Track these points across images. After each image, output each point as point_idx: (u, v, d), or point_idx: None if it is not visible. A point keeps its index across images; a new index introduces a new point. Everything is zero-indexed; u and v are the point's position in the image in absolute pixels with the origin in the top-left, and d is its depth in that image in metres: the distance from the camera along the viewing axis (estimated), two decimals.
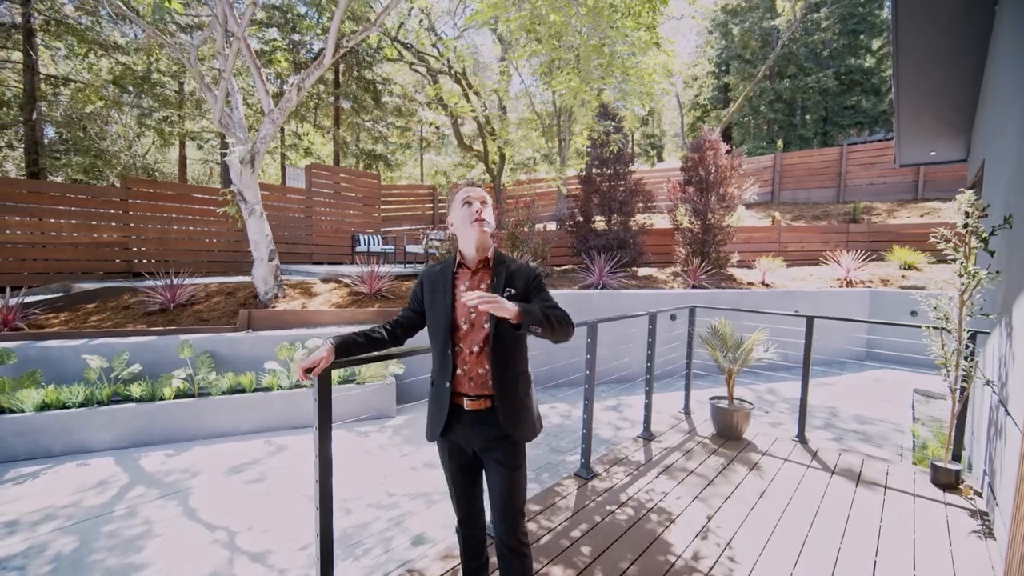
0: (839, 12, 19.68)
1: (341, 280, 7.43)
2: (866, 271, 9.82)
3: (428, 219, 14.96)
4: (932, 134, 6.32)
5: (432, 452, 4.34)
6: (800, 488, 3.21)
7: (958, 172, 12.70)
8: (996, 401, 2.94)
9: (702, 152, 10.36)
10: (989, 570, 2.37)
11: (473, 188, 1.76)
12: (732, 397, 4.16)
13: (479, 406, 1.69)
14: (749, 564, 2.37)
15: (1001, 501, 2.61)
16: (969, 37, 4.81)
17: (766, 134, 21.55)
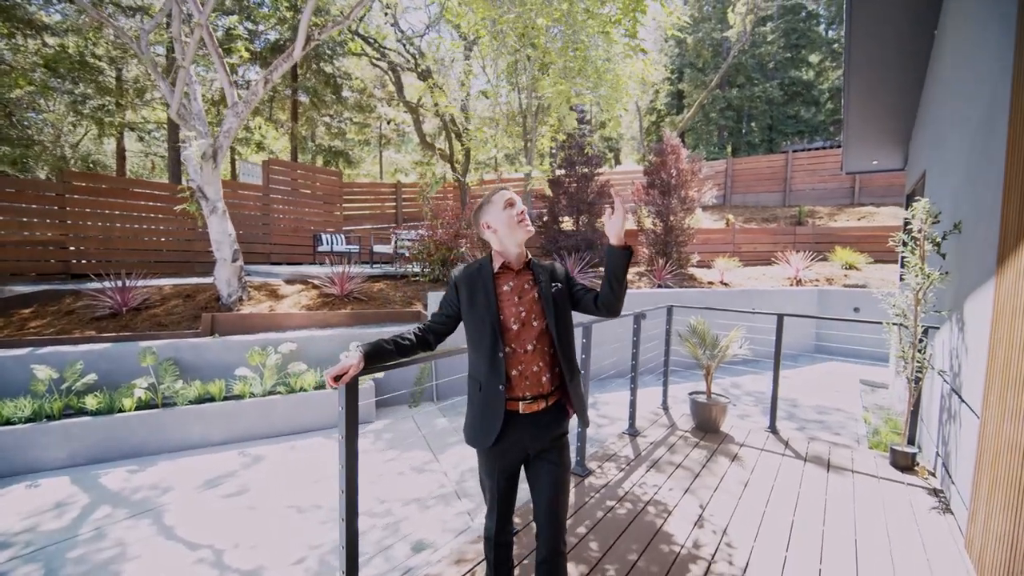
0: (783, 27, 20.98)
1: (309, 281, 7.16)
2: (813, 271, 10.52)
3: (392, 218, 14.66)
4: (875, 145, 6.87)
5: (418, 457, 4.29)
6: (779, 476, 3.42)
7: (890, 180, 13.85)
8: (948, 390, 3.25)
9: (664, 156, 10.76)
10: (951, 542, 2.62)
11: (506, 191, 1.77)
12: (710, 392, 4.36)
13: (536, 408, 1.70)
14: (746, 550, 2.51)
15: (957, 479, 2.90)
16: (910, 60, 5.27)
17: (717, 140, 22.63)
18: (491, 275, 1.76)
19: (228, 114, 5.68)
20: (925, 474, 3.46)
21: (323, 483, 3.76)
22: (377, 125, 21.08)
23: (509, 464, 1.77)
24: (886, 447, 4.13)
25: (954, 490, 2.93)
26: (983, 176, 2.78)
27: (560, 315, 1.73)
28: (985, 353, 2.49)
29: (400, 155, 23.16)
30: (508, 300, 1.73)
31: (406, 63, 13.04)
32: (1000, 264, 2.38)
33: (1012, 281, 2.20)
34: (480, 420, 1.75)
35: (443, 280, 7.84)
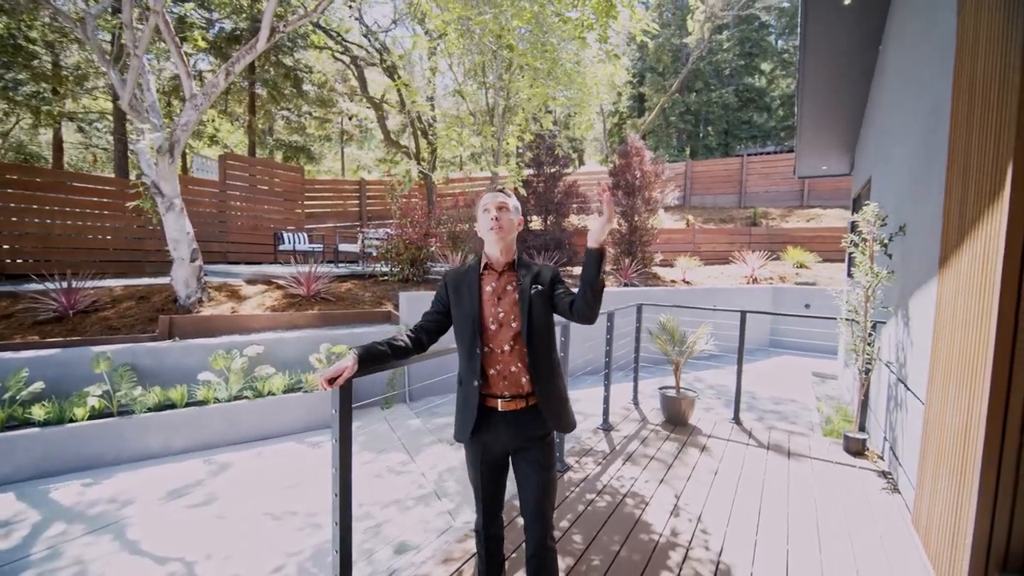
0: (738, 36, 21.91)
1: (273, 281, 6.92)
2: (767, 269, 11.08)
3: (356, 216, 14.34)
4: (825, 151, 7.31)
5: (395, 458, 4.25)
6: (745, 465, 3.60)
7: (835, 184, 14.73)
8: (895, 379, 3.53)
9: (629, 158, 11.04)
10: (900, 519, 2.85)
11: (492, 195, 1.80)
12: (679, 386, 4.54)
13: (514, 407, 1.73)
14: (720, 535, 2.65)
15: (904, 462, 3.15)
16: (856, 74, 5.65)
17: (676, 143, 23.39)
18: (476, 275, 1.80)
19: (186, 107, 5.41)
20: (875, 458, 3.74)
21: (297, 488, 3.66)
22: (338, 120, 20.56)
23: (491, 459, 1.81)
24: (839, 434, 4.43)
25: (901, 472, 3.19)
26: (926, 184, 3.04)
27: (534, 318, 1.71)
28: (929, 346, 2.73)
29: (363, 152, 22.65)
30: (489, 300, 1.76)
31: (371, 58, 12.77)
32: (942, 265, 2.61)
33: (953, 281, 2.42)
34: (460, 414, 1.82)
35: (413, 280, 7.76)
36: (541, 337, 1.75)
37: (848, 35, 5.18)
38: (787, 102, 22.53)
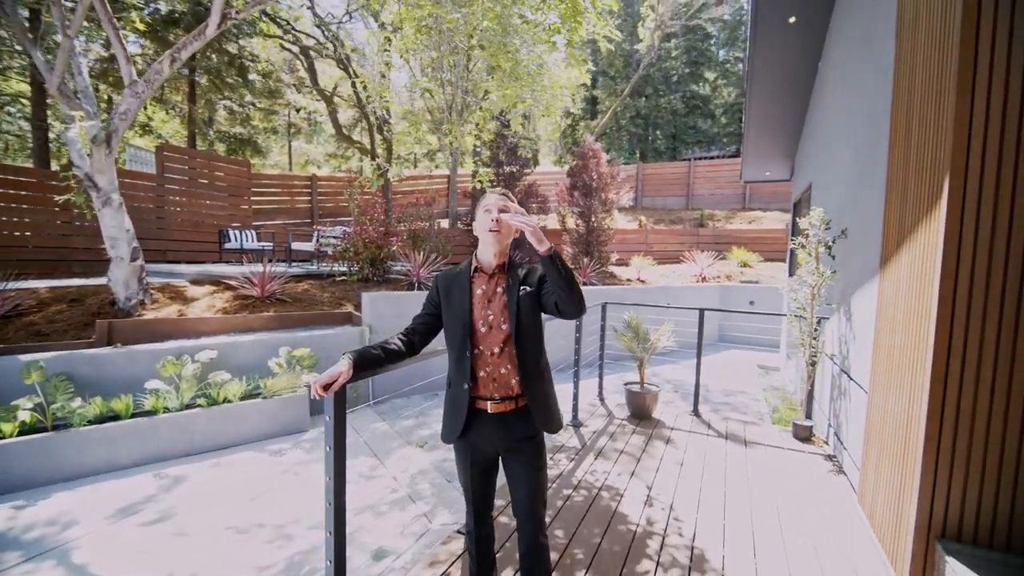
0: (684, 44, 22.90)
1: (223, 282, 6.54)
2: (715, 268, 11.69)
3: (307, 213, 13.77)
4: (768, 158, 7.81)
5: (363, 463, 4.16)
6: (707, 454, 3.81)
7: (774, 188, 15.73)
8: (838, 371, 3.85)
9: (586, 160, 11.29)
10: (847, 498, 3.12)
11: (493, 196, 1.80)
12: (643, 381, 4.72)
13: (504, 408, 1.75)
14: (691, 521, 2.79)
15: (848, 445, 3.45)
16: (798, 88, 6.07)
17: (628, 146, 24.13)
18: (467, 277, 1.80)
19: (126, 94, 5.00)
20: (821, 443, 4.06)
21: (263, 499, 3.50)
22: (285, 113, 19.66)
23: (480, 460, 1.82)
24: (787, 422, 4.77)
25: (846, 455, 3.48)
26: (867, 192, 3.33)
27: (523, 321, 1.73)
28: (871, 339, 3.00)
29: (312, 146, 21.77)
30: (479, 303, 1.77)
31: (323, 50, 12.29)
32: (883, 266, 2.88)
33: (893, 281, 2.68)
34: (448, 416, 1.82)
35: (374, 280, 7.58)
36: (530, 339, 1.77)
37: (791, 52, 5.57)
38: (729, 110, 23.80)
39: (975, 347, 1.97)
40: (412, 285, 7.29)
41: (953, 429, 2.02)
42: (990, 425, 1.97)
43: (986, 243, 1.95)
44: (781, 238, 13.38)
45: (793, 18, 5.15)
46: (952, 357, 2.01)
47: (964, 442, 2.00)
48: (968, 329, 1.98)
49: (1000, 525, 1.96)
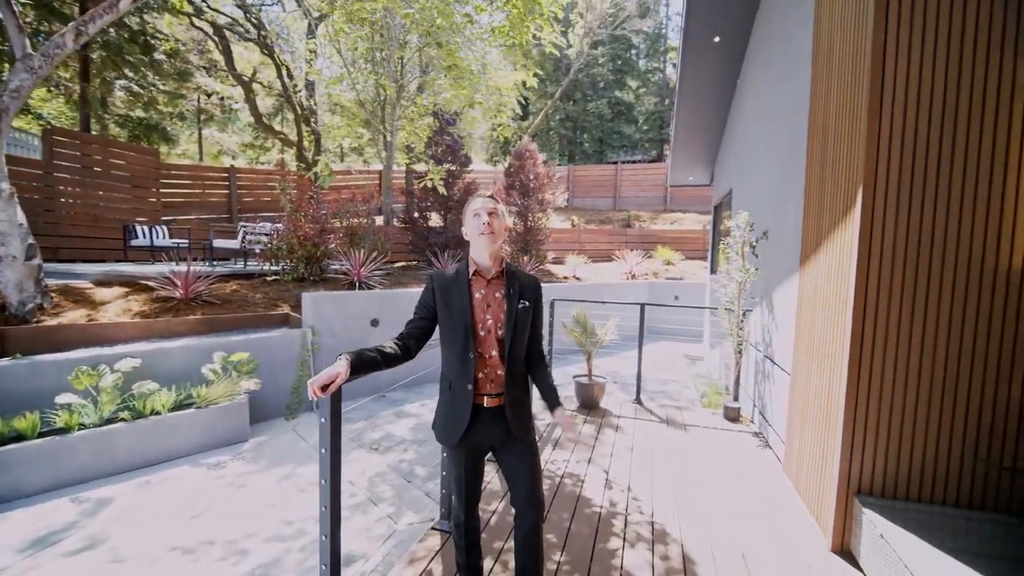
0: (611, 52, 24.02)
1: (139, 282, 5.91)
2: (643, 266, 12.44)
3: (224, 207, 12.73)
4: (693, 164, 8.47)
5: (315, 470, 3.98)
6: (653, 438, 4.12)
7: (692, 192, 16.98)
8: (762, 357, 4.33)
9: (523, 160, 11.52)
10: (773, 468, 3.53)
11: (483, 200, 1.85)
12: (591, 374, 4.97)
13: (498, 403, 1.82)
14: (649, 500, 3.03)
15: (773, 423, 3.90)
16: (719, 101, 6.66)
17: (558, 148, 24.86)
18: (467, 281, 1.85)
19: (17, 68, 4.37)
20: (748, 422, 4.54)
21: (208, 516, 3.27)
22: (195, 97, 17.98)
23: (475, 454, 1.89)
24: (716, 405, 5.24)
25: (771, 431, 3.94)
26: (786, 199, 3.78)
27: (518, 333, 1.82)
28: (793, 328, 3.43)
29: (226, 135, 20.10)
30: (479, 307, 1.82)
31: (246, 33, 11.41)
32: (802, 264, 3.30)
33: (812, 277, 3.09)
34: (449, 417, 1.85)
35: (310, 279, 7.23)
36: (520, 347, 1.86)
37: (714, 68, 6.11)
38: (650, 117, 25.31)
39: (883, 332, 2.35)
40: (353, 284, 7.05)
41: (866, 403, 2.40)
42: (894, 398, 2.36)
43: (891, 245, 2.33)
44: (699, 238, 14.54)
45: (717, 38, 5.66)
46: (866, 341, 2.38)
47: (875, 413, 2.38)
48: (877, 317, 2.36)
49: (903, 480, 2.36)
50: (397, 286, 7.81)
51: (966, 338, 2.25)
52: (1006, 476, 2.23)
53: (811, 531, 2.69)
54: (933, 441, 2.31)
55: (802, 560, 2.42)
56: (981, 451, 2.25)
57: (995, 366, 2.22)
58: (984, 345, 2.23)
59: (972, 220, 2.22)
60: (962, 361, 2.26)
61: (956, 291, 2.26)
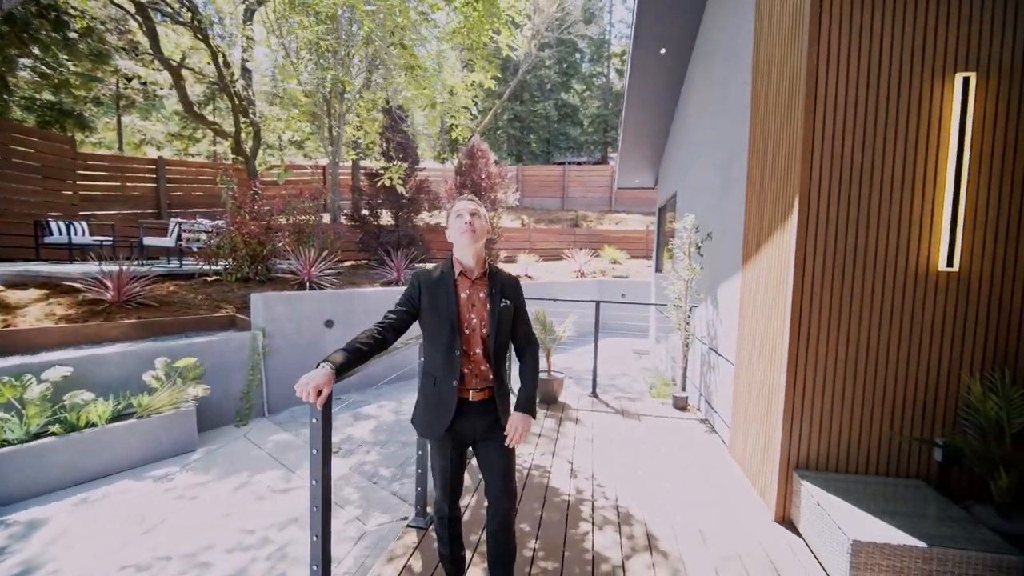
0: (557, 55, 24.51)
1: (61, 284, 5.40)
2: (591, 265, 12.87)
3: (151, 202, 11.78)
4: (639, 167, 8.89)
5: (273, 476, 3.89)
6: (611, 429, 4.35)
7: (635, 194, 17.71)
8: (707, 349, 4.67)
9: (474, 159, 11.58)
10: (718, 450, 3.85)
11: (465, 202, 1.93)
12: (551, 369, 5.14)
13: (483, 396, 1.90)
14: (612, 487, 3.22)
15: (718, 409, 4.24)
16: (663, 108, 7.06)
17: (506, 147, 25.04)
18: (452, 281, 1.91)
19: None
20: (694, 410, 4.88)
21: (159, 531, 3.09)
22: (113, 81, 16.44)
23: (460, 445, 1.97)
24: (666, 395, 5.58)
25: (716, 417, 4.27)
26: (729, 203, 4.11)
27: (501, 331, 1.92)
28: (736, 323, 3.75)
29: (149, 123, 18.53)
30: (464, 306, 1.90)
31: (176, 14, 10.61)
32: (744, 263, 3.62)
33: (753, 275, 3.40)
34: (434, 412, 1.91)
35: (255, 279, 6.90)
36: (503, 344, 1.96)
37: (661, 77, 6.47)
38: (595, 120, 26.09)
39: (816, 327, 2.66)
40: (303, 285, 6.81)
41: (803, 389, 2.70)
42: (826, 385, 2.67)
43: (823, 249, 2.63)
44: (643, 238, 15.23)
45: (664, 50, 6.01)
46: (802, 335, 2.68)
47: (811, 398, 2.69)
48: (812, 314, 2.66)
49: (833, 455, 2.69)
50: (349, 286, 7.63)
51: (882, 331, 2.60)
52: (915, 446, 2.60)
53: (756, 504, 2.99)
54: (858, 420, 2.65)
55: (750, 531, 2.69)
56: (895, 427, 2.61)
57: (906, 355, 2.58)
58: (896, 338, 2.59)
59: (888, 228, 2.56)
60: (879, 351, 2.61)
61: (875, 290, 2.60)
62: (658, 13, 5.40)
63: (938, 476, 2.58)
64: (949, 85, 2.46)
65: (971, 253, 2.50)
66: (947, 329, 2.54)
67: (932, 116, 2.49)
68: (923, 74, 2.49)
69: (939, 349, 2.56)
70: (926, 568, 1.99)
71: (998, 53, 2.42)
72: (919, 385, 2.58)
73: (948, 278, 2.52)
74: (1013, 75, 2.41)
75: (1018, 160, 2.44)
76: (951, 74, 2.46)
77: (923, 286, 2.55)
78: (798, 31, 2.72)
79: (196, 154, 20.01)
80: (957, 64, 2.45)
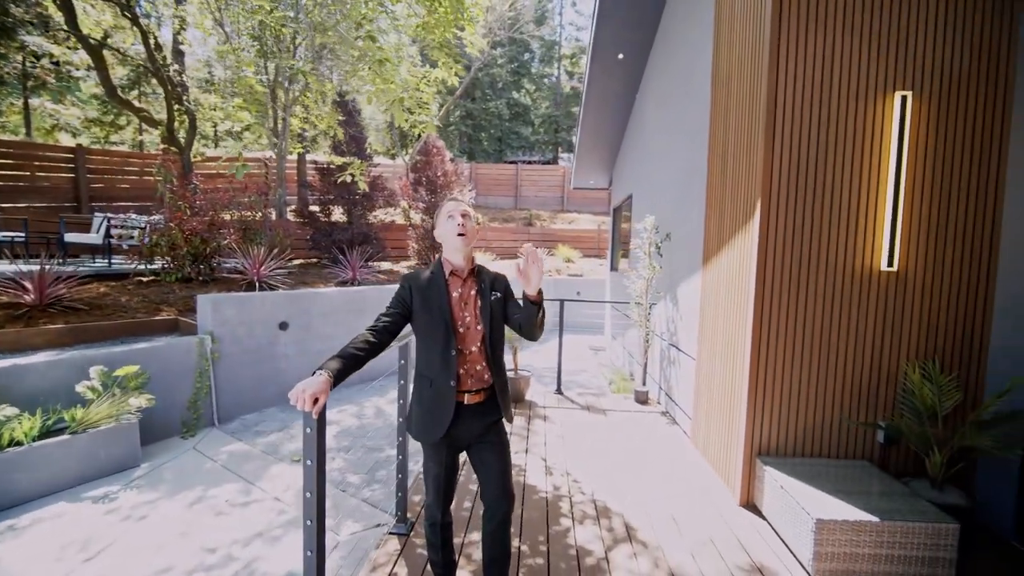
0: (509, 54, 24.59)
1: None
2: (546, 264, 13.04)
3: (69, 194, 10.68)
4: (594, 168, 9.12)
5: (231, 490, 3.67)
6: (579, 425, 4.44)
7: (585, 195, 18.13)
8: (667, 344, 4.88)
9: (430, 156, 11.40)
10: (681, 441, 4.04)
11: (455, 203, 1.92)
12: (517, 368, 5.18)
13: (478, 399, 1.90)
14: (588, 481, 3.30)
15: (679, 402, 4.44)
16: (618, 114, 7.29)
17: (459, 145, 24.84)
18: (444, 281, 1.90)
19: None
20: (655, 404, 5.09)
21: (108, 555, 2.83)
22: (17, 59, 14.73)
23: (455, 450, 1.96)
24: (627, 391, 5.77)
25: (677, 410, 4.48)
26: (689, 206, 4.31)
27: (495, 324, 1.93)
28: (697, 319, 3.95)
29: (63, 107, 16.75)
30: (457, 306, 1.90)
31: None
32: (705, 263, 3.82)
33: (714, 275, 3.59)
34: (431, 415, 1.88)
35: (198, 279, 6.45)
36: (499, 338, 1.97)
37: (617, 83, 6.67)
38: (546, 121, 26.44)
39: (776, 323, 2.86)
40: (252, 285, 6.43)
41: (764, 381, 2.89)
42: (785, 376, 2.88)
43: (783, 250, 2.83)
44: (594, 237, 15.62)
45: (621, 55, 6.20)
46: (763, 331, 2.87)
47: (772, 389, 2.88)
48: (772, 311, 2.85)
49: (792, 441, 2.90)
50: (301, 285, 7.30)
51: (834, 326, 2.83)
52: (861, 430, 2.86)
53: (721, 491, 3.17)
54: (813, 407, 2.88)
55: (718, 515, 2.85)
56: (845, 412, 2.86)
57: (854, 347, 2.83)
58: (846, 332, 2.83)
59: (838, 232, 2.79)
60: (831, 344, 2.84)
61: (827, 289, 2.82)
62: (618, 19, 5.56)
63: (880, 455, 2.85)
64: (890, 102, 2.72)
65: (907, 255, 2.78)
66: (888, 323, 2.81)
67: (876, 130, 2.74)
68: (868, 92, 2.74)
69: (881, 341, 2.83)
70: (879, 540, 2.20)
71: (930, 74, 2.70)
72: (864, 374, 2.84)
73: (889, 277, 2.79)
74: (943, 94, 2.70)
75: (945, 171, 2.74)
76: (891, 92, 2.72)
77: (868, 285, 2.81)
78: (758, 51, 2.90)
79: (119, 143, 18.38)
80: (897, 83, 2.71)
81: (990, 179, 2.73)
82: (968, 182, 2.74)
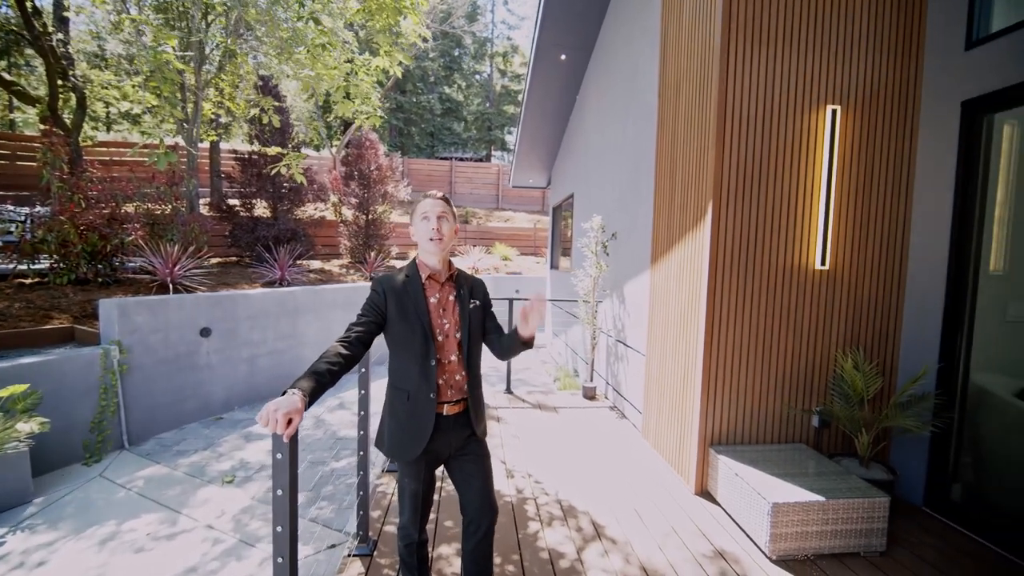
0: (441, 48, 24.11)
1: None
2: (484, 261, 12.99)
3: None
4: (534, 167, 9.19)
5: (151, 520, 3.26)
6: (532, 424, 4.44)
7: (519, 193, 18.30)
8: (614, 341, 5.02)
9: (363, 150, 10.89)
10: (631, 434, 4.18)
11: (432, 202, 1.78)
12: None
13: (457, 409, 1.80)
14: (551, 481, 3.30)
15: (629, 397, 4.58)
16: (559, 114, 7.40)
17: (389, 139, 23.99)
18: (420, 286, 1.77)
19: None
20: (602, 399, 5.22)
21: None
22: None
23: (434, 465, 1.85)
24: (574, 387, 5.87)
25: (627, 404, 4.62)
26: (636, 206, 4.45)
27: (473, 332, 1.83)
28: (646, 316, 4.09)
29: None
30: (435, 312, 1.78)
31: None
32: (653, 261, 3.96)
33: (663, 273, 3.73)
34: (408, 430, 1.75)
35: (97, 281, 5.65)
36: (477, 347, 1.87)
37: (559, 83, 6.76)
38: (479, 119, 26.30)
39: (726, 319, 3.02)
40: (164, 287, 5.75)
41: (716, 374, 3.05)
42: (735, 369, 3.05)
43: (732, 249, 2.99)
44: (531, 235, 15.80)
45: (564, 56, 6.28)
46: (714, 327, 3.02)
47: (723, 382, 3.05)
48: (722, 308, 3.01)
49: (742, 430, 3.08)
50: (223, 287, 6.66)
51: (776, 320, 3.05)
52: (799, 415, 3.10)
53: (675, 481, 3.30)
54: (759, 397, 3.08)
55: (677, 505, 2.97)
56: (786, 400, 3.09)
57: (795, 339, 3.07)
58: (787, 325, 3.06)
59: (780, 233, 3.01)
60: (774, 337, 3.06)
61: (770, 286, 3.03)
62: (562, 20, 5.62)
63: (815, 438, 3.12)
64: (823, 114, 2.96)
65: (836, 254, 3.05)
66: (822, 317, 3.08)
67: (812, 140, 2.98)
68: (806, 104, 2.96)
69: (815, 333, 3.09)
70: (825, 517, 2.40)
71: (856, 89, 2.98)
72: (802, 364, 3.09)
73: (822, 275, 3.05)
74: (867, 108, 3.00)
75: (866, 178, 3.04)
76: (824, 105, 2.96)
77: (805, 282, 3.05)
78: (708, 61, 3.03)
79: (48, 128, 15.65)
80: (829, 97, 2.97)
81: (902, 185, 3.07)
82: (885, 188, 3.06)
